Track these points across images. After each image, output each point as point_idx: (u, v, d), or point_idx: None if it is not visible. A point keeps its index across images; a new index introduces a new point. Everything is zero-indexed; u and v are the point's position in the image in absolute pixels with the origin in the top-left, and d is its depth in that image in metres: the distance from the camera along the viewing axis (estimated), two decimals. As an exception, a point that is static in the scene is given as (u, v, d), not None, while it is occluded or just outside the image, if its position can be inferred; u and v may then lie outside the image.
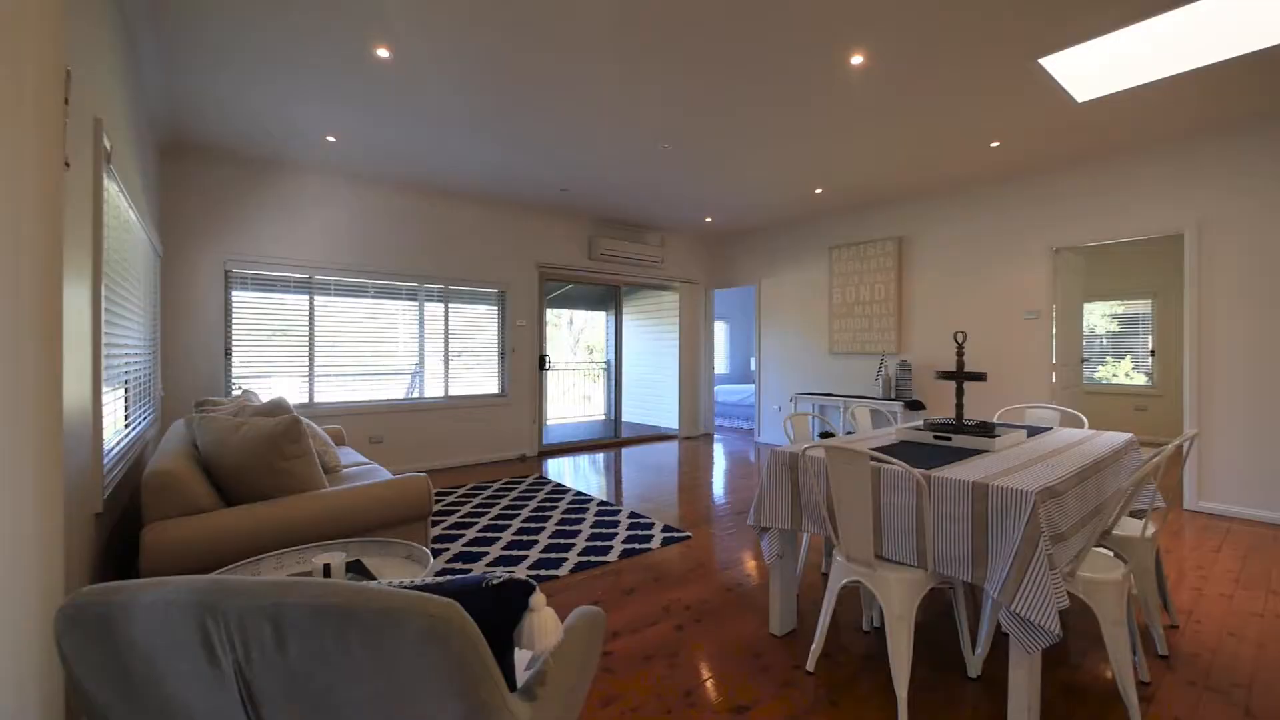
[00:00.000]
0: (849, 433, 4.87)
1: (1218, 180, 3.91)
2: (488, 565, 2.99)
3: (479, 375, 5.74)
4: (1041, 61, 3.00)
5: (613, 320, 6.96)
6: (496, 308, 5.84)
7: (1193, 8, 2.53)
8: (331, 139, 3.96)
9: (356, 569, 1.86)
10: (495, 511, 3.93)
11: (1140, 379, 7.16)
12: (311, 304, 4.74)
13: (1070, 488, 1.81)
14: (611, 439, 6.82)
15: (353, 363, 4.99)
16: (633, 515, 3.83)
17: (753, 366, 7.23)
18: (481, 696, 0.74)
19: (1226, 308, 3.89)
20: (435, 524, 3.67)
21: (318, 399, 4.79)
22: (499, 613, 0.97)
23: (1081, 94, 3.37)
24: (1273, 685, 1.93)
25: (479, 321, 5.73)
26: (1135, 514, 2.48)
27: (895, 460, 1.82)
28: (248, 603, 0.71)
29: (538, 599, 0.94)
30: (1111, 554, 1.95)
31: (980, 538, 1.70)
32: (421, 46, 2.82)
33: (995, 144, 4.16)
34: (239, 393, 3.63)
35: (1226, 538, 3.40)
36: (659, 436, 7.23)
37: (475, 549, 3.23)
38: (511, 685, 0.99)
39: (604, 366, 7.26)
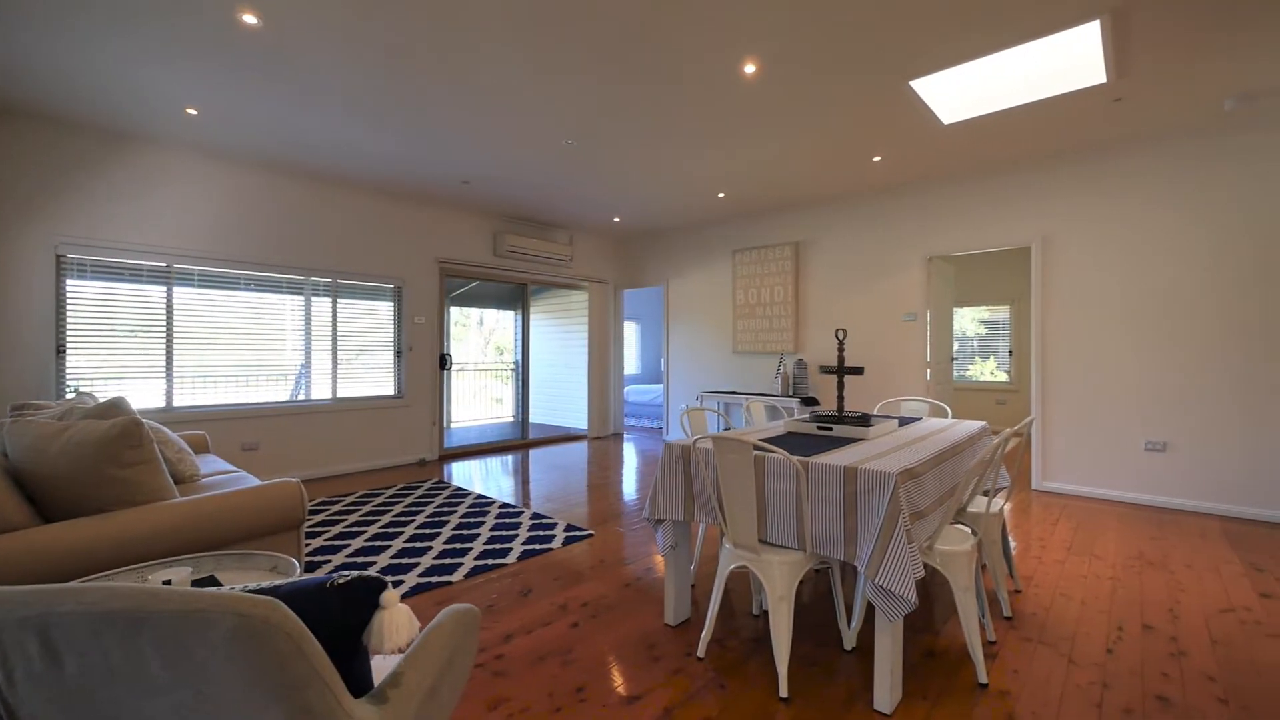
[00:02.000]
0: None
1: (1058, 201, 4.47)
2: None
3: (373, 375, 5.40)
4: (912, 84, 3.28)
5: (520, 319, 6.81)
6: (392, 304, 5.52)
7: (1033, 48, 2.87)
8: (192, 112, 3.56)
9: (208, 585, 1.67)
10: (387, 519, 3.70)
11: (1002, 376, 8.04)
12: (170, 296, 4.23)
13: (929, 469, 1.98)
14: (518, 440, 6.67)
15: (225, 363, 4.51)
16: (536, 516, 3.75)
17: (663, 366, 7.35)
18: (308, 700, 0.68)
19: (1063, 314, 4.45)
20: (317, 534, 3.39)
21: (181, 403, 4.29)
22: (347, 614, 0.90)
23: (947, 117, 3.73)
24: (1091, 635, 2.22)
25: (373, 318, 5.39)
26: (988, 493, 2.76)
27: (777, 449, 1.90)
28: (6, 615, 0.60)
29: (388, 596, 0.89)
30: (968, 529, 2.16)
31: (851, 518, 1.82)
32: (295, 16, 2.60)
33: (877, 158, 4.51)
34: (73, 395, 3.16)
35: (1063, 512, 3.89)
36: (567, 437, 7.16)
37: (361, 559, 3.02)
38: (364, 688, 0.92)
39: (513, 367, 7.08)
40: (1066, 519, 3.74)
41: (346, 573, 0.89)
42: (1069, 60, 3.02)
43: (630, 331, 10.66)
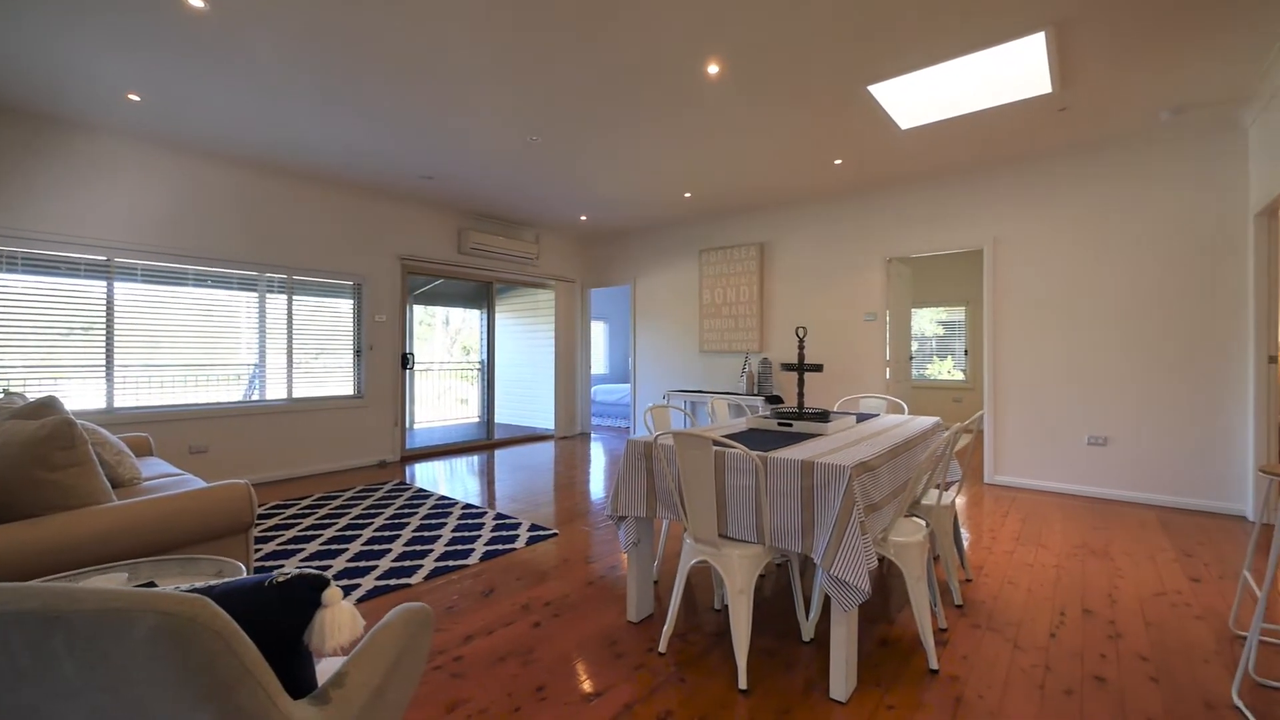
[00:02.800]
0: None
1: (1008, 205, 4.65)
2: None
3: (332, 375, 5.25)
4: (870, 89, 3.37)
5: (485, 318, 6.72)
6: (352, 301, 5.38)
7: (985, 58, 2.98)
8: (134, 98, 3.40)
9: (145, 591, 1.60)
10: (344, 522, 3.60)
11: (958, 375, 8.32)
12: (110, 291, 4.03)
13: (883, 463, 2.04)
14: (484, 441, 6.58)
15: (172, 362, 4.32)
16: (500, 517, 3.71)
17: (630, 366, 7.35)
18: (239, 701, 0.66)
19: (1013, 314, 4.64)
20: (270, 539, 3.28)
21: (123, 404, 4.09)
22: (287, 613, 0.87)
23: (905, 122, 3.84)
24: (1035, 620, 2.31)
25: (331, 316, 5.24)
26: (940, 486, 2.85)
27: (736, 444, 1.92)
28: (-100, 620, 0.57)
29: (331, 594, 0.86)
30: (923, 523, 2.22)
31: (808, 511, 1.85)
32: None
33: (838, 161, 4.61)
34: (1, 396, 2.97)
35: (1013, 505, 4.04)
36: (534, 437, 7.09)
37: (317, 563, 2.93)
38: (308, 690, 0.89)
39: (479, 366, 6.98)
40: (1016, 511, 3.89)
41: (287, 570, 0.87)
42: (1018, 70, 3.14)
43: (598, 331, 10.64)
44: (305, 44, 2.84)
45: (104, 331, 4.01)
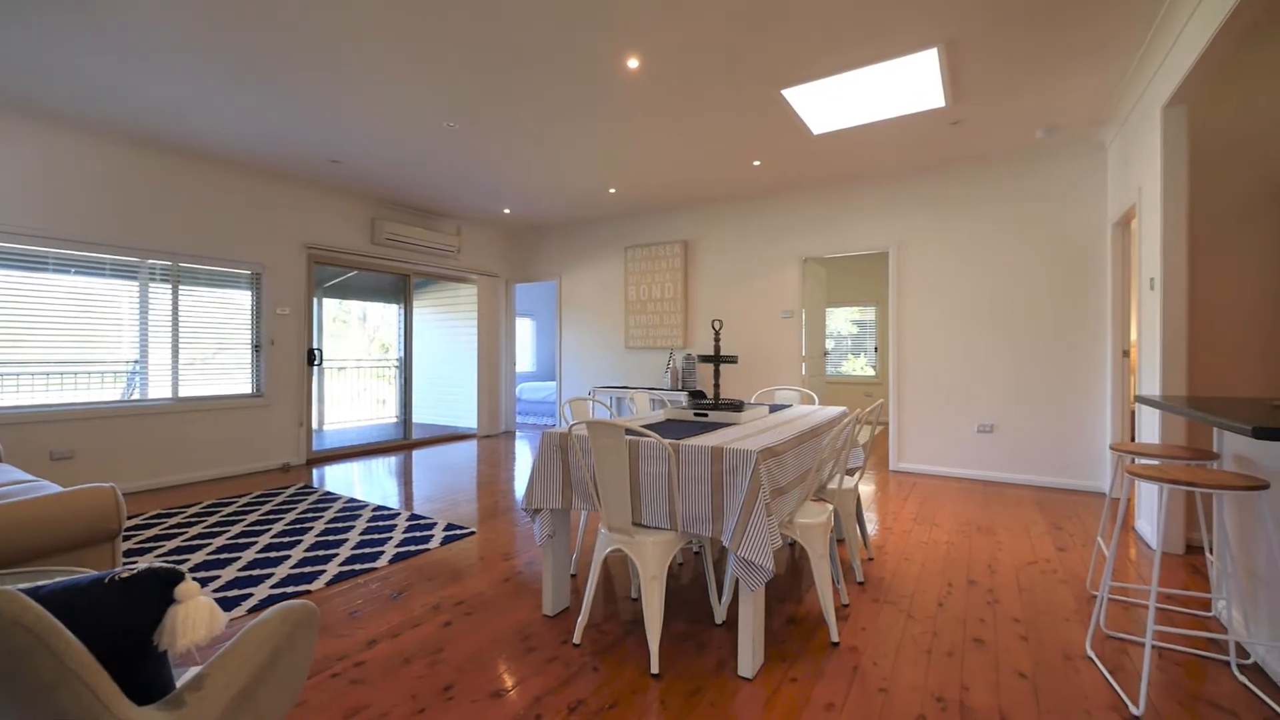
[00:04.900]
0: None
1: (910, 211, 4.99)
2: (216, 590, 2.51)
3: (227, 372, 4.83)
4: (784, 93, 3.51)
5: (402, 312, 6.42)
6: (250, 292, 4.98)
7: (891, 71, 3.17)
8: (-22, 54, 2.99)
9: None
10: (238, 529, 3.33)
11: (870, 371, 8.85)
12: (-50, 275, 3.52)
13: (790, 449, 2.13)
14: (400, 441, 6.29)
15: (29, 358, 3.82)
16: (414, 517, 3.56)
17: (556, 363, 7.27)
18: (61, 705, 0.59)
19: (914, 313, 4.98)
20: (149, 550, 2.97)
21: (-35, 404, 3.58)
22: (132, 611, 0.79)
23: (817, 127, 4.02)
24: (926, 592, 2.49)
25: (226, 309, 4.82)
26: (850, 471, 3.02)
27: (649, 432, 1.94)
28: None
29: (185, 589, 0.79)
30: (829, 506, 2.34)
31: (718, 495, 1.90)
32: (115, -47, 2.26)
33: (757, 163, 4.77)
34: None
35: (913, 489, 4.34)
36: (455, 436, 6.86)
37: (202, 574, 2.69)
38: (162, 693, 0.81)
39: (396, 364, 6.65)
40: (915, 495, 4.18)
41: (133, 566, 0.79)
42: (917, 84, 3.38)
43: (525, 328, 10.45)
44: (193, 12, 2.59)
45: (-60, 321, 3.49)
